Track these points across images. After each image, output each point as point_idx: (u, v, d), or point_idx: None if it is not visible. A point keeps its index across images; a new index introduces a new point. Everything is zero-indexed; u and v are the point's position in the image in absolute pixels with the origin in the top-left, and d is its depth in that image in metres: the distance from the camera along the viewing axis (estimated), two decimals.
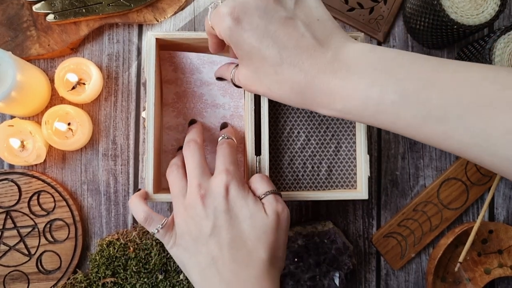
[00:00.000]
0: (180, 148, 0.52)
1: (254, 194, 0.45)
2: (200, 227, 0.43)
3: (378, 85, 0.36)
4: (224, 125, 0.54)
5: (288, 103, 0.42)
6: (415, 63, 0.36)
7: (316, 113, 0.54)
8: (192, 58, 0.54)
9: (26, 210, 0.56)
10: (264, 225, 0.42)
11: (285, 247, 0.44)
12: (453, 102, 0.34)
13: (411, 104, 0.35)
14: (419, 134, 0.36)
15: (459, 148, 0.35)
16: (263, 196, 0.44)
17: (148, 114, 0.49)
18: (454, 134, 0.34)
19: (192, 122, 0.53)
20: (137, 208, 0.46)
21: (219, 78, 0.53)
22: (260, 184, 0.45)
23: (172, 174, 0.46)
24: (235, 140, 0.50)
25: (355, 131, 0.54)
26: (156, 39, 0.50)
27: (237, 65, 0.47)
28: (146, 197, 0.48)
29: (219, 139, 0.50)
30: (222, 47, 0.48)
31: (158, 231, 0.44)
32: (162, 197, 0.49)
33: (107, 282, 0.56)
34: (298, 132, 0.54)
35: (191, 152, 0.46)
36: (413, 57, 0.37)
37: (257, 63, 0.41)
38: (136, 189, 0.59)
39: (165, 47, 0.54)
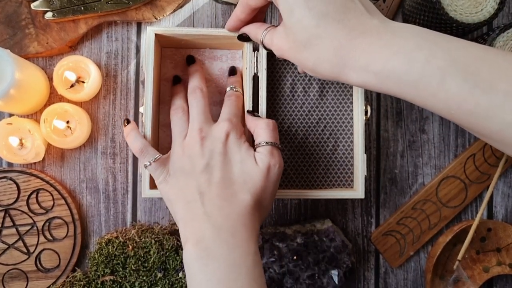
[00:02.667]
0: (176, 81, 0.54)
1: (253, 139, 0.47)
2: (194, 164, 0.45)
3: (425, 49, 0.35)
4: (232, 71, 0.54)
5: (318, 68, 0.40)
6: (462, 41, 0.36)
7: (316, 109, 0.54)
8: (193, 54, 0.54)
9: (25, 208, 0.56)
10: (253, 172, 0.44)
11: (272, 198, 0.46)
12: (502, 77, 0.33)
13: (459, 72, 0.34)
14: (460, 109, 0.34)
15: (499, 129, 0.34)
16: (262, 144, 0.46)
17: (146, 110, 0.49)
18: (498, 111, 0.33)
19: (191, 60, 0.54)
20: (135, 139, 0.48)
21: (242, 38, 0.50)
22: (264, 131, 0.47)
23: (177, 116, 0.49)
24: (242, 92, 0.52)
25: (352, 130, 0.54)
26: (156, 34, 0.50)
27: (271, 26, 0.46)
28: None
29: (227, 89, 0.52)
30: (250, 14, 0.47)
31: (150, 163, 0.46)
32: (158, 193, 0.49)
33: (106, 280, 0.56)
34: (296, 130, 0.54)
35: (196, 100, 0.49)
36: (458, 38, 0.37)
37: (299, 14, 0.39)
38: (135, 187, 0.59)
39: (164, 43, 0.54)
